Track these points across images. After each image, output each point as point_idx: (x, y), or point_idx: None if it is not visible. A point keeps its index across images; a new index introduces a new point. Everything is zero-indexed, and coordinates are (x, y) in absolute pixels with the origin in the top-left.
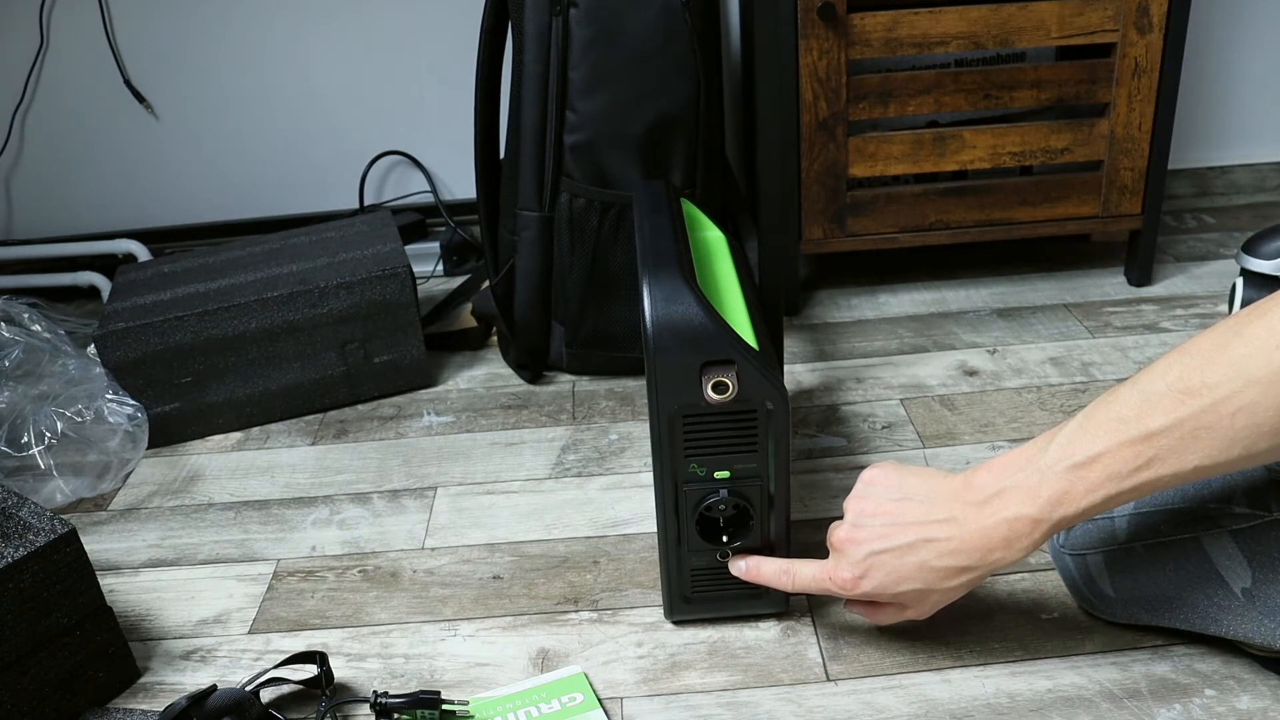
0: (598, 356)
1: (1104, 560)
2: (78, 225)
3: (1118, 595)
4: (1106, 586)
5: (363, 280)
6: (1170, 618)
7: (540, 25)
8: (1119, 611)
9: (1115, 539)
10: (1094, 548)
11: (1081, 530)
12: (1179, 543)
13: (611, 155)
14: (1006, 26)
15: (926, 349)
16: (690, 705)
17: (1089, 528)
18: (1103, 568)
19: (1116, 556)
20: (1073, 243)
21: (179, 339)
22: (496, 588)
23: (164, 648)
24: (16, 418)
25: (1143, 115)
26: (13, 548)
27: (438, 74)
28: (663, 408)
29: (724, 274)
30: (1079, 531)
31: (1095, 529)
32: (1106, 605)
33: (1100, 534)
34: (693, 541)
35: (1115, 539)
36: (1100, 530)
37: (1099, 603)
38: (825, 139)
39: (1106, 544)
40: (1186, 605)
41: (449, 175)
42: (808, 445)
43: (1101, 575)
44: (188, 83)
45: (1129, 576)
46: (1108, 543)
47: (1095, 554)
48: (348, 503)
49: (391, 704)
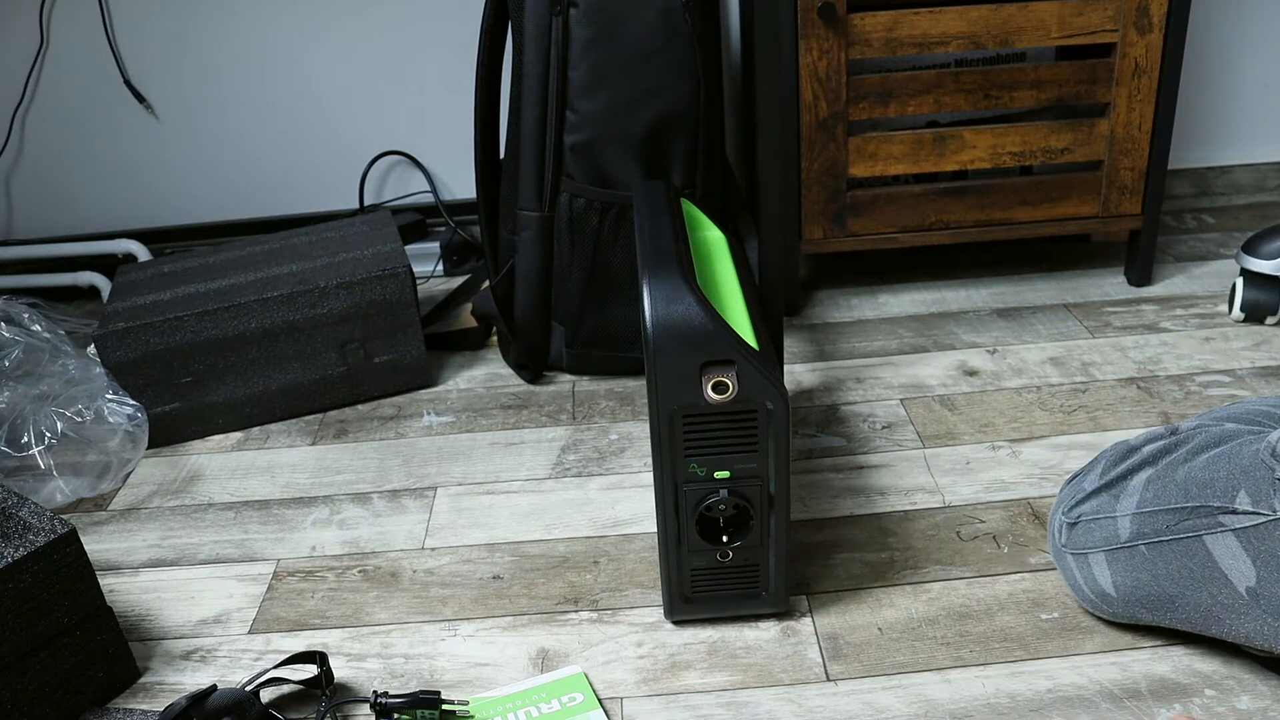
0: (598, 357)
1: (1106, 559)
2: (78, 225)
3: (1119, 595)
4: (1108, 586)
5: (363, 280)
6: (1172, 617)
7: (540, 25)
8: (1120, 611)
9: (1117, 538)
10: (1096, 547)
11: (1084, 529)
12: (1182, 541)
13: (611, 155)
14: (1006, 26)
15: (926, 349)
16: (690, 705)
17: (1091, 526)
18: (1105, 567)
19: (1119, 555)
20: (1073, 243)
21: (179, 339)
22: (496, 588)
23: (164, 648)
24: (16, 418)
25: (1143, 115)
26: (13, 548)
27: (438, 74)
28: (663, 408)
29: (724, 274)
30: (1081, 530)
31: (1097, 528)
32: (1108, 605)
33: (1102, 533)
34: (693, 541)
35: (1117, 538)
36: (1102, 529)
37: (1100, 602)
38: (825, 139)
39: (1109, 543)
40: (1189, 604)
41: (449, 175)
42: (808, 445)
43: (1103, 574)
44: (188, 83)
45: (1131, 575)
46: (1110, 541)
47: (1097, 553)
48: (348, 503)
49: (391, 704)
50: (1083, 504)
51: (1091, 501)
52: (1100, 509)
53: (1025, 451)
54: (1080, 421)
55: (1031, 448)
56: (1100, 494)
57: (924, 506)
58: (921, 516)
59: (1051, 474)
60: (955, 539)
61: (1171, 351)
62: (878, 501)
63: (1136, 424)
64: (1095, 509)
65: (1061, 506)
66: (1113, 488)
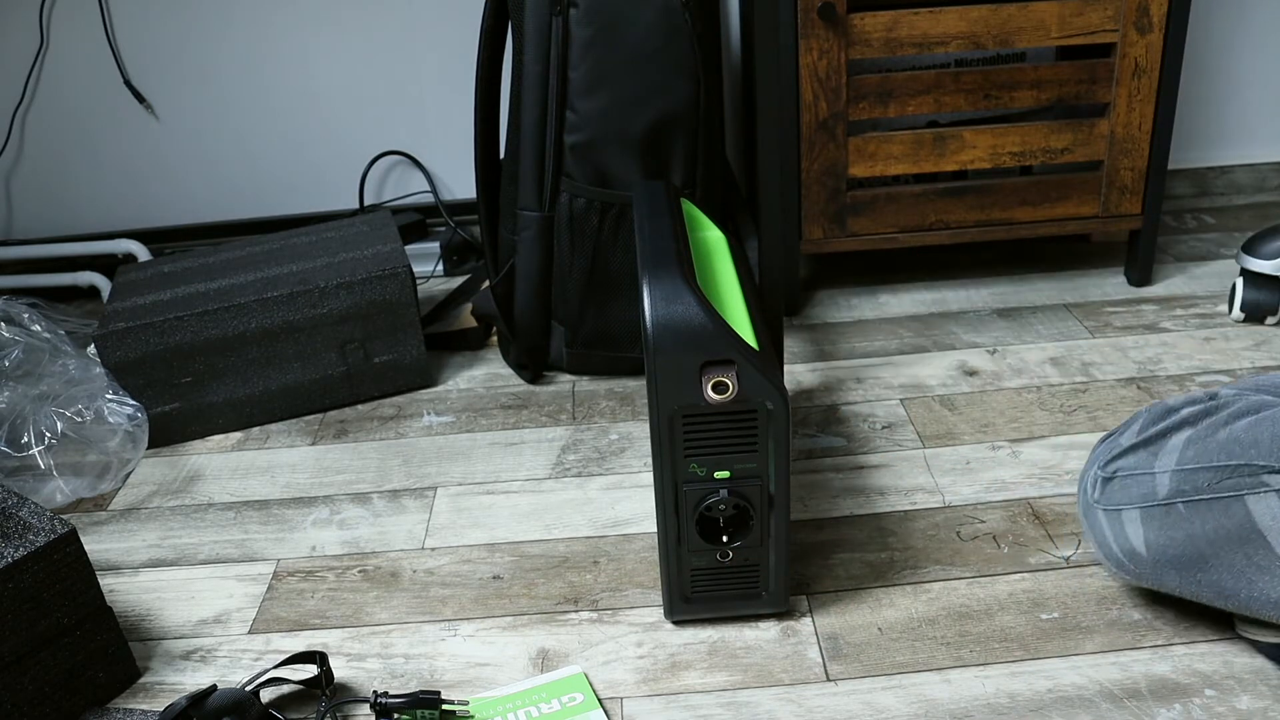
0: (598, 357)
1: (1140, 516)
2: (78, 225)
3: (1150, 554)
4: (1139, 544)
5: (363, 280)
6: (1200, 580)
7: (540, 25)
8: (1148, 573)
9: (1155, 495)
10: (1131, 503)
11: (1120, 485)
12: (1223, 501)
13: (611, 155)
14: (1006, 26)
15: (926, 349)
16: (690, 705)
17: (1127, 482)
18: (1138, 523)
19: (1154, 513)
20: (1073, 243)
21: (179, 339)
22: (496, 588)
23: (164, 648)
24: (16, 418)
25: (1143, 115)
26: (13, 548)
27: (438, 74)
28: (663, 408)
29: (724, 274)
30: (1117, 486)
31: (1134, 484)
32: (1136, 565)
33: (1140, 489)
34: (693, 541)
35: (1155, 495)
36: (1140, 486)
37: (1128, 561)
38: (825, 139)
39: (1145, 499)
40: (1222, 565)
41: (449, 175)
42: (808, 445)
43: (1136, 532)
44: (188, 83)
45: (1165, 534)
46: (1147, 498)
47: (1131, 509)
48: (348, 503)
49: (391, 704)
50: (1120, 459)
51: (1129, 457)
52: (1138, 465)
53: (1025, 451)
54: (1080, 421)
55: (1031, 448)
56: (1138, 450)
57: (924, 506)
58: (921, 516)
59: (1051, 474)
60: (955, 539)
61: (1171, 351)
62: (878, 501)
63: None
64: (1133, 465)
65: (1097, 462)
66: (1151, 445)
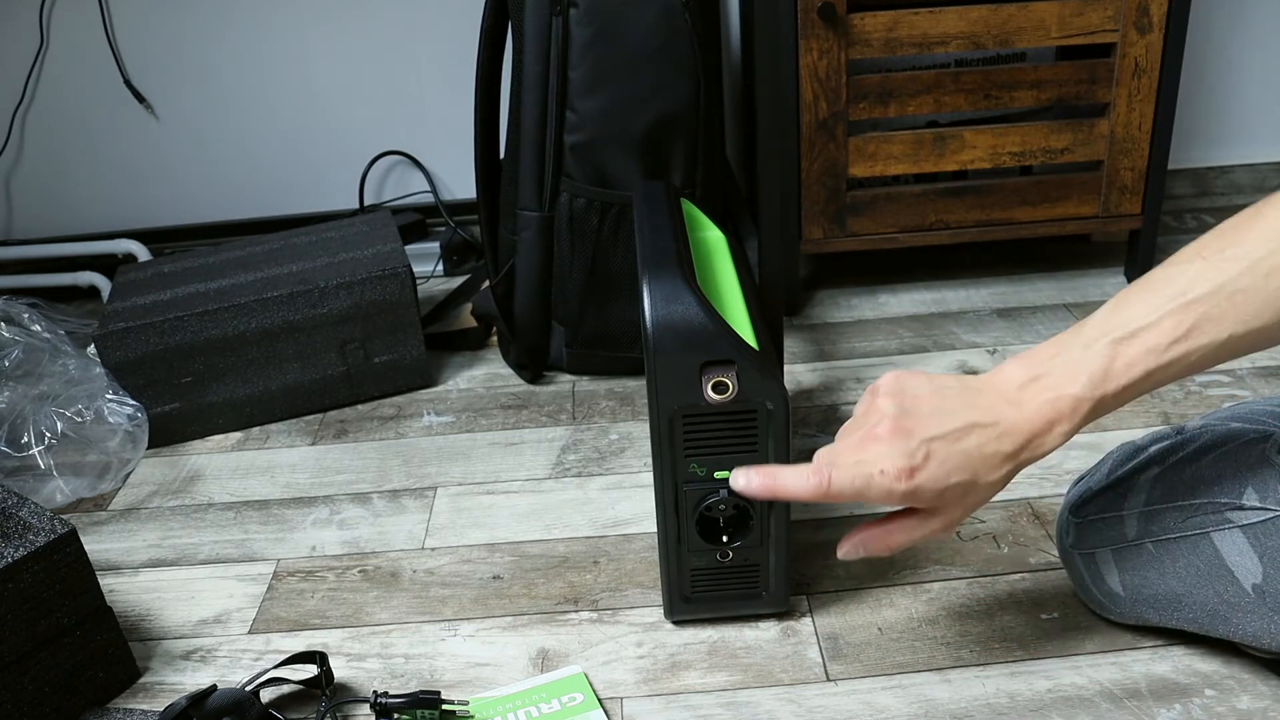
0: (598, 357)
1: (1113, 558)
2: (78, 225)
3: (1127, 594)
4: (1115, 585)
5: (363, 280)
6: (1179, 617)
7: (540, 25)
8: (1127, 611)
9: (1124, 536)
10: (1103, 545)
11: (1091, 529)
12: (1189, 539)
13: (611, 155)
14: (1006, 26)
15: (926, 349)
16: (690, 705)
17: (1098, 525)
18: (1111, 565)
19: (1126, 554)
20: (1073, 243)
21: (179, 339)
22: (496, 588)
23: (164, 648)
24: (16, 418)
25: (1143, 115)
26: (13, 548)
27: (438, 74)
28: (663, 408)
29: (724, 274)
30: (1088, 530)
31: (1104, 527)
32: (1115, 604)
33: (1110, 532)
34: (693, 541)
35: (1124, 536)
36: (1110, 528)
37: (1107, 602)
38: (825, 139)
39: (1116, 541)
40: (1195, 603)
41: (449, 175)
42: (808, 445)
43: (1110, 573)
44: (188, 83)
45: (1138, 574)
46: (1117, 540)
47: (1104, 551)
48: (348, 503)
49: (391, 704)
50: (1089, 503)
51: (1098, 501)
52: (1107, 508)
53: None
54: None
55: None
56: (1107, 493)
57: None
58: None
59: (1051, 474)
60: (955, 539)
61: None
62: None
63: (1137, 424)
64: (1102, 508)
65: (1069, 508)
66: (1119, 487)
